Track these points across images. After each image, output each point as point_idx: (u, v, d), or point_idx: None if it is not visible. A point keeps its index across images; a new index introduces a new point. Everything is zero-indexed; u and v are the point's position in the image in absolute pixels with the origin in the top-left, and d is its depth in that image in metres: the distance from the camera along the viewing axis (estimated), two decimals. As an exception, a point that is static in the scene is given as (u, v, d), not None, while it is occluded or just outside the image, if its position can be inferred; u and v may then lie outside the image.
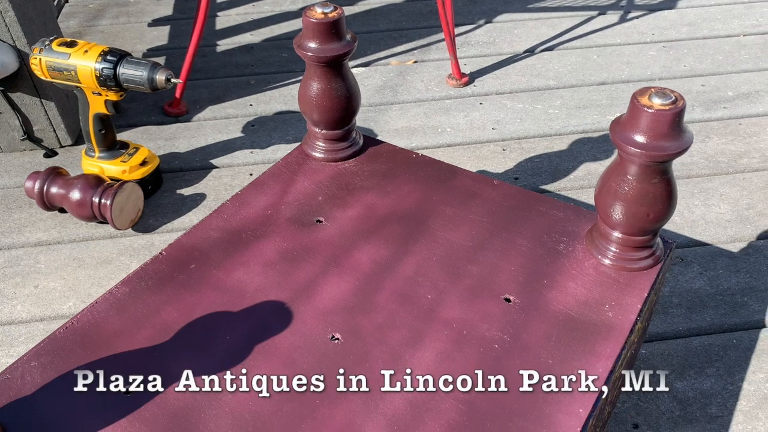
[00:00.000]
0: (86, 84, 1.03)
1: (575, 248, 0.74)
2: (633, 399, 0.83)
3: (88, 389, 0.60)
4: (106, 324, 0.66)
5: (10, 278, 1.02)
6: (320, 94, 0.82)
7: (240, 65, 1.58)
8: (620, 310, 0.67)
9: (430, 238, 0.76)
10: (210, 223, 0.78)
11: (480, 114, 1.38)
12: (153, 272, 0.71)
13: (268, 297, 0.69)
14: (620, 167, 0.66)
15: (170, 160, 1.26)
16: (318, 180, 0.85)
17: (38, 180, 1.10)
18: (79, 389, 0.58)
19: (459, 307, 0.67)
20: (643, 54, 1.59)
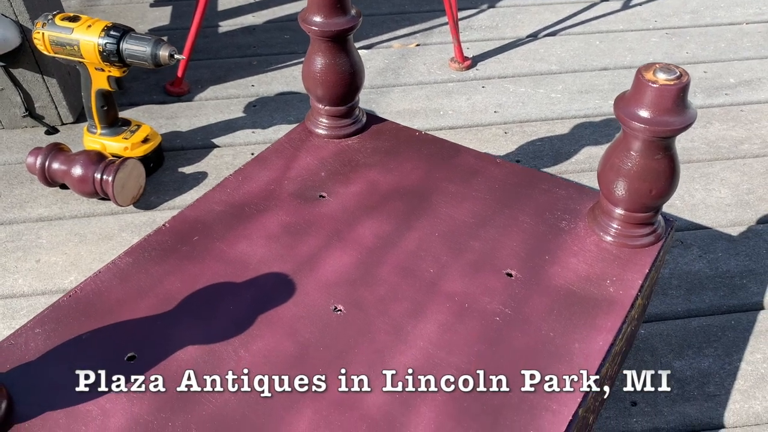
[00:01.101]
0: (89, 59, 1.03)
1: (577, 225, 0.74)
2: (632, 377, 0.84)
3: (89, 359, 0.60)
4: (110, 293, 0.66)
5: (12, 252, 1.03)
6: (324, 70, 0.82)
7: (242, 46, 1.57)
8: (621, 286, 0.67)
9: (433, 214, 0.76)
10: (213, 196, 0.78)
11: (482, 97, 1.38)
12: (156, 243, 0.72)
13: (271, 269, 0.69)
14: (624, 143, 0.67)
15: (172, 138, 1.26)
16: (321, 156, 0.85)
17: (40, 156, 1.09)
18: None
19: (461, 281, 0.68)
20: (645, 40, 1.59)
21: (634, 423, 0.79)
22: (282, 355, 0.60)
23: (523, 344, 0.61)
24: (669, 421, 0.79)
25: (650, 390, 0.81)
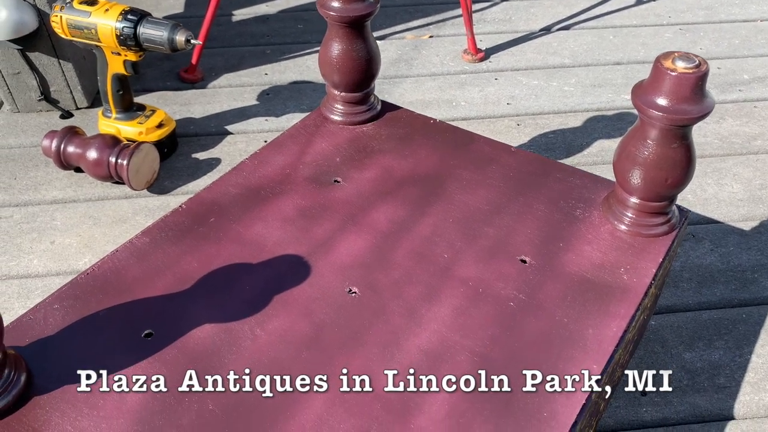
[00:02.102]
0: (106, 43, 1.04)
1: (592, 214, 0.74)
2: (642, 367, 0.84)
3: (108, 333, 0.61)
4: (127, 271, 0.67)
5: (27, 234, 1.03)
6: (341, 56, 0.83)
7: (255, 35, 1.58)
8: (635, 274, 0.67)
9: (447, 200, 0.76)
10: (229, 179, 0.79)
11: (495, 89, 1.38)
12: (173, 224, 0.72)
13: (287, 251, 0.70)
14: (640, 131, 0.67)
15: (186, 124, 1.27)
16: (336, 142, 0.86)
17: (55, 139, 1.10)
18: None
19: (475, 267, 0.68)
20: (659, 36, 1.59)
21: (644, 413, 0.79)
22: (297, 335, 0.61)
23: (536, 329, 0.62)
24: (679, 411, 0.80)
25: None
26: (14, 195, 1.10)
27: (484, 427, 0.54)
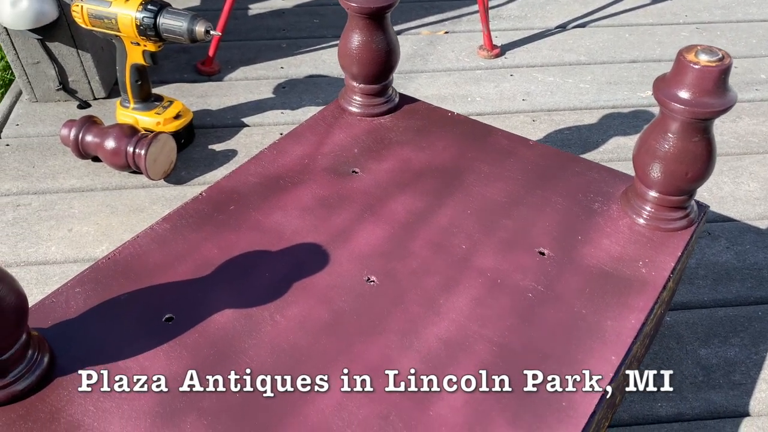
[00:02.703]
0: (126, 33, 1.04)
1: (610, 208, 0.74)
2: (657, 363, 0.84)
3: (129, 317, 0.61)
4: (148, 257, 0.67)
5: (45, 221, 1.04)
6: (361, 47, 0.83)
7: (271, 29, 1.58)
8: (654, 267, 0.67)
9: (465, 192, 0.77)
10: (248, 168, 0.79)
11: (510, 85, 1.38)
12: (193, 211, 0.73)
13: (305, 239, 0.70)
14: (661, 125, 0.67)
15: (202, 116, 1.27)
16: (354, 133, 0.86)
17: (74, 128, 1.11)
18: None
19: (493, 258, 0.68)
20: (675, 34, 1.58)
21: (659, 408, 0.79)
22: (317, 322, 0.61)
23: (555, 320, 0.62)
24: (694, 407, 0.80)
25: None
26: (33, 183, 1.11)
27: (503, 415, 0.54)
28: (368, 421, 0.54)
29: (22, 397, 0.54)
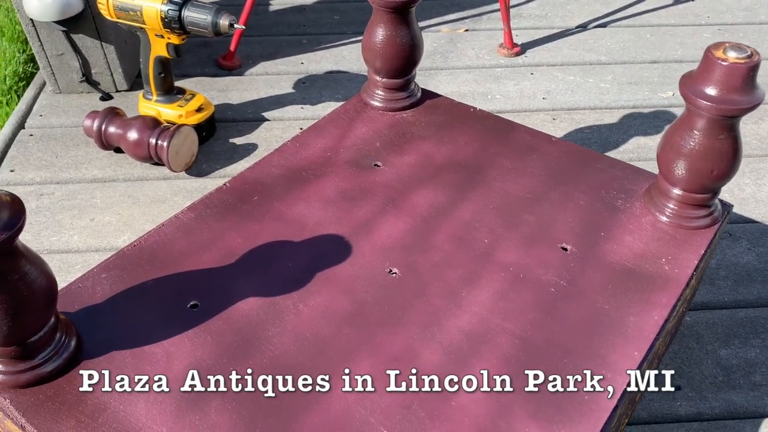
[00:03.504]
0: (150, 25, 1.05)
1: (633, 205, 0.74)
2: (676, 362, 0.84)
3: (154, 303, 0.62)
4: (173, 245, 0.68)
5: (68, 210, 1.06)
6: (385, 41, 0.83)
7: (292, 25, 1.59)
8: (677, 264, 0.67)
9: (488, 187, 0.77)
10: (272, 160, 0.80)
11: (530, 84, 1.38)
12: (218, 201, 0.73)
13: (328, 231, 0.71)
14: (687, 122, 0.66)
15: (223, 110, 1.28)
16: (376, 128, 0.86)
17: (97, 119, 1.12)
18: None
19: (515, 252, 0.68)
20: (697, 35, 1.57)
21: (678, 407, 0.79)
22: (340, 311, 0.62)
23: (578, 315, 0.62)
24: (714, 407, 0.79)
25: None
26: (55, 173, 1.13)
27: (525, 408, 0.54)
28: (391, 410, 0.54)
29: (49, 379, 0.55)
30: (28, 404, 0.54)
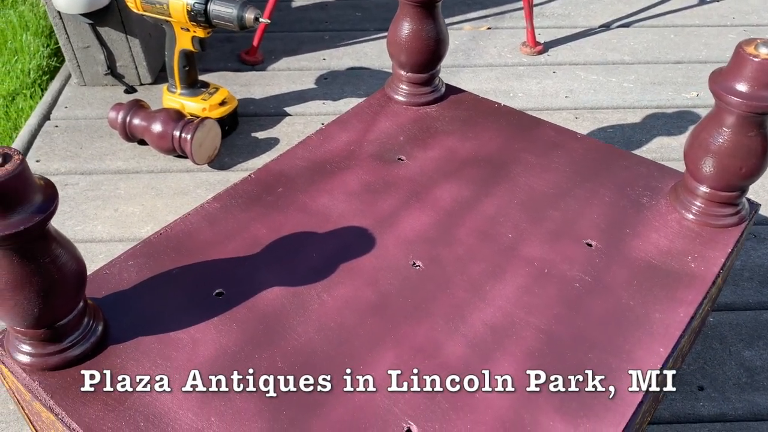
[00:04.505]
0: (176, 18, 1.06)
1: (659, 202, 0.74)
2: (699, 362, 0.83)
3: (180, 290, 0.62)
4: (198, 234, 0.69)
5: (92, 201, 1.07)
6: (410, 35, 0.83)
7: (314, 21, 1.60)
8: (703, 262, 0.67)
9: (512, 182, 0.76)
10: (296, 152, 0.80)
11: (553, 82, 1.38)
12: (243, 192, 0.74)
13: (352, 223, 0.71)
14: (716, 119, 0.66)
15: (245, 104, 1.29)
16: (399, 122, 0.86)
17: (122, 111, 1.13)
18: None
19: (540, 248, 0.68)
20: (722, 36, 1.56)
21: (700, 407, 0.78)
22: (364, 302, 0.62)
23: (602, 311, 0.62)
24: (737, 408, 0.78)
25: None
26: (80, 164, 1.14)
27: (550, 402, 0.54)
28: (415, 401, 0.54)
29: (76, 362, 0.56)
30: (57, 386, 0.54)
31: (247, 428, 0.52)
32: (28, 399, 0.56)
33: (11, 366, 0.56)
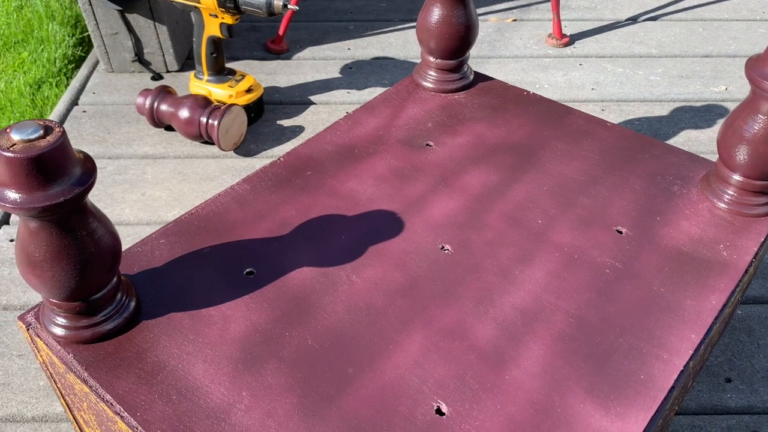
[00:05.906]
0: (205, 5, 1.07)
1: (690, 191, 0.73)
2: (727, 354, 0.82)
3: (211, 268, 0.63)
4: (229, 214, 0.69)
5: (119, 185, 1.08)
6: (441, 21, 0.83)
7: (339, 11, 1.60)
8: (735, 251, 0.66)
9: (541, 169, 0.76)
10: (324, 137, 0.81)
11: (579, 74, 1.37)
12: (272, 174, 0.74)
13: (380, 206, 0.71)
14: (752, 105, 0.65)
15: (271, 93, 1.30)
16: (427, 108, 0.86)
17: (149, 97, 1.14)
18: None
19: (570, 234, 0.68)
20: (751, 31, 1.54)
21: (728, 399, 0.78)
22: (393, 284, 0.62)
23: (633, 296, 0.61)
24: (765, 400, 0.78)
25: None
26: (108, 148, 1.15)
27: (579, 384, 0.54)
28: (444, 380, 0.54)
29: (109, 336, 0.57)
30: (90, 359, 0.55)
31: (278, 403, 0.52)
32: (62, 371, 0.57)
33: (46, 338, 0.56)
